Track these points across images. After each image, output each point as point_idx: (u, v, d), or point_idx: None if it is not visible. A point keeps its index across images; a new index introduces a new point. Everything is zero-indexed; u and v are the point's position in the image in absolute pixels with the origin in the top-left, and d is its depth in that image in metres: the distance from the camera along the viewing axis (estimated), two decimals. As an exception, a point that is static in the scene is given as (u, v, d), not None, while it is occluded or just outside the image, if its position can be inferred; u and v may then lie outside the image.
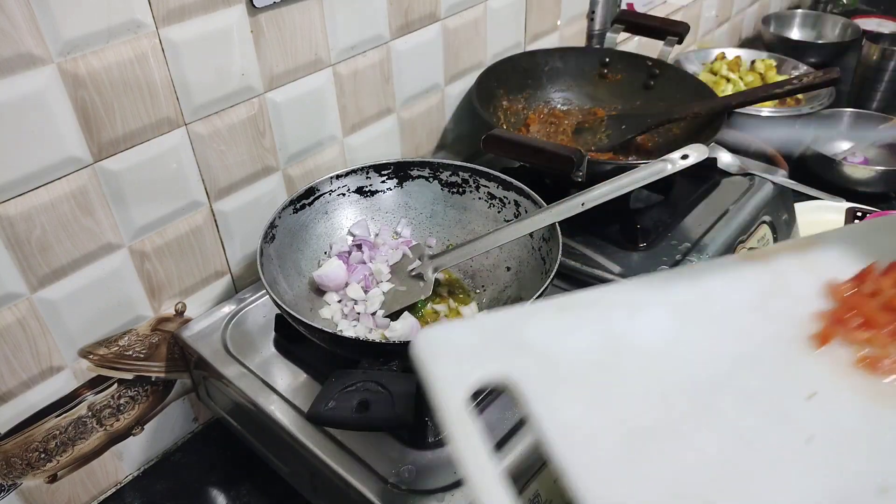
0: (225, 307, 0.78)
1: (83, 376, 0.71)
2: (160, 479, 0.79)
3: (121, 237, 0.68)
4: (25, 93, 0.57)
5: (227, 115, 0.72)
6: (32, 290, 0.63)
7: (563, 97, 1.09)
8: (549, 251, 0.71)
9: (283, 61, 0.75)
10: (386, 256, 0.77)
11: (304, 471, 0.67)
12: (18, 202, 0.60)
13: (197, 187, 0.73)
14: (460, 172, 0.81)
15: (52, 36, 0.57)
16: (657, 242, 0.86)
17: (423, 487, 0.59)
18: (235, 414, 0.75)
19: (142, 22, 0.62)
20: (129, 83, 0.63)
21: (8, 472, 0.68)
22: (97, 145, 0.63)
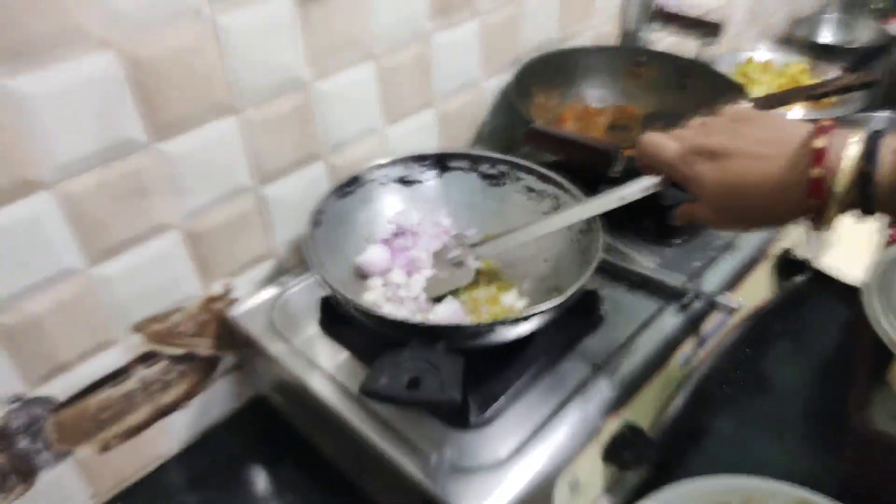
0: (271, 289, 0.81)
1: (135, 351, 0.73)
2: (203, 455, 0.81)
3: (174, 218, 0.71)
4: (90, 74, 0.59)
5: (275, 103, 0.75)
6: (90, 265, 0.66)
7: (596, 94, 1.10)
8: (588, 244, 0.72)
9: (329, 52, 0.77)
10: (426, 244, 0.79)
11: (347, 448, 0.69)
12: (80, 180, 0.62)
13: (246, 172, 0.75)
14: (499, 165, 0.83)
15: (116, 19, 0.59)
16: (691, 239, 0.88)
17: (465, 466, 0.61)
18: (280, 391, 0.78)
19: (199, 9, 0.64)
20: (185, 68, 0.65)
21: (65, 440, 0.70)
22: (154, 128, 0.65)
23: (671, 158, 0.59)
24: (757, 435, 0.81)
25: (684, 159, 0.58)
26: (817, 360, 0.91)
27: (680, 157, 0.58)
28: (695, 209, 0.60)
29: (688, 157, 0.57)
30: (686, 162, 0.58)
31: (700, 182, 0.57)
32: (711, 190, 0.56)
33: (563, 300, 0.62)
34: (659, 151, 0.61)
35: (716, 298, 0.76)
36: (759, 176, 0.53)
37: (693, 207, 0.60)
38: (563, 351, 0.72)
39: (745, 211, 0.56)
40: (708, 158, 0.56)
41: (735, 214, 0.57)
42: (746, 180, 0.54)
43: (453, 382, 0.54)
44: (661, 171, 0.61)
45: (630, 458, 0.66)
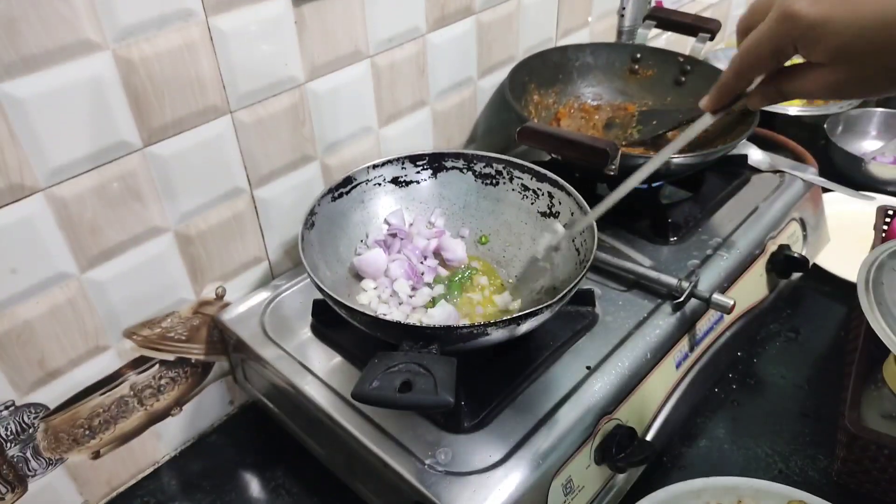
0: (263, 292, 0.80)
1: (127, 356, 0.73)
2: (196, 460, 0.81)
3: (167, 221, 0.70)
4: (82, 77, 0.59)
5: (269, 104, 0.74)
6: (82, 270, 0.65)
7: (593, 92, 1.10)
8: (583, 242, 0.72)
9: (324, 52, 0.77)
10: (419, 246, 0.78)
11: (340, 452, 0.69)
12: (72, 184, 0.62)
13: (239, 174, 0.75)
14: (494, 164, 0.82)
15: (109, 23, 0.59)
16: (687, 237, 0.87)
17: (458, 470, 0.60)
18: (272, 396, 0.77)
19: (192, 10, 0.64)
20: (178, 70, 0.65)
21: (56, 447, 0.70)
22: (147, 130, 0.65)
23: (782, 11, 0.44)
24: (750, 435, 0.80)
25: (795, 4, 0.43)
26: (812, 359, 0.91)
27: (789, 6, 0.44)
28: (812, 77, 0.46)
29: (797, 3, 0.43)
30: (798, 8, 0.43)
31: (818, 29, 0.43)
32: (838, 37, 0.42)
33: (557, 301, 0.61)
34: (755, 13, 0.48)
35: (710, 298, 0.75)
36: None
37: (809, 76, 0.47)
38: (558, 352, 0.71)
39: (885, 59, 0.42)
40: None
41: (877, 67, 0.43)
42: (890, 7, 0.40)
43: (446, 385, 0.53)
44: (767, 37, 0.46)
45: (624, 459, 0.66)
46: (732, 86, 0.52)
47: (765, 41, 0.46)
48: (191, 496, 0.76)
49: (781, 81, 0.49)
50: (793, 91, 0.49)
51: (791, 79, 0.48)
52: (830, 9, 0.42)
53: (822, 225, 1.03)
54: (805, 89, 0.48)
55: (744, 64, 0.49)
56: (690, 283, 0.76)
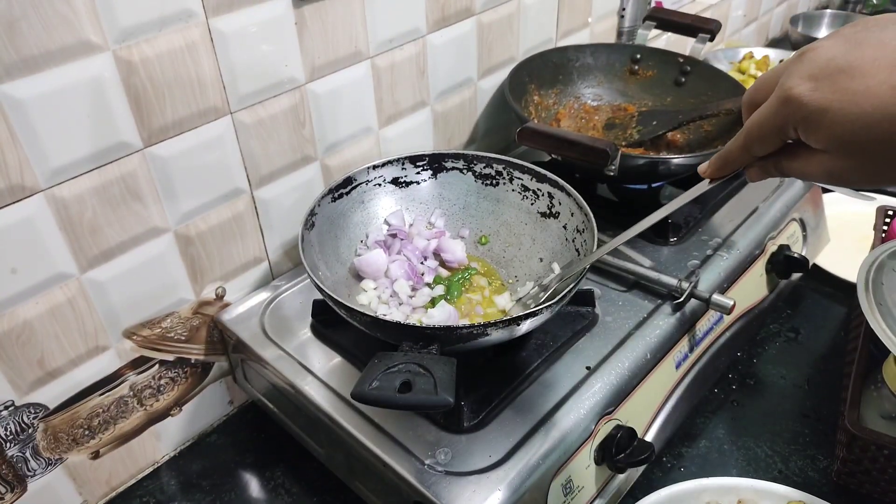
0: (262, 293, 0.80)
1: (126, 356, 0.73)
2: (196, 460, 0.81)
3: (167, 221, 0.70)
4: (83, 78, 0.59)
5: (270, 105, 0.74)
6: (82, 270, 0.66)
7: (593, 93, 1.10)
8: (583, 242, 0.72)
9: (324, 53, 0.77)
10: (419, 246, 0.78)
11: (339, 452, 0.69)
12: (72, 184, 0.62)
13: (239, 175, 0.75)
14: (494, 164, 0.82)
15: (110, 24, 0.59)
16: (687, 238, 0.87)
17: (458, 470, 0.60)
18: (272, 396, 0.77)
19: (193, 11, 0.64)
20: (179, 71, 0.65)
21: (55, 447, 0.70)
22: (147, 131, 0.65)
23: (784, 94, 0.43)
24: (750, 435, 0.80)
25: (797, 89, 0.42)
26: (812, 359, 0.91)
27: (791, 90, 0.42)
28: (811, 161, 0.44)
29: (800, 85, 0.42)
30: (800, 93, 0.41)
31: (819, 117, 0.41)
32: (838, 127, 0.40)
33: (557, 301, 0.61)
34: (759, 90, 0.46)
35: (710, 298, 0.75)
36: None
37: (809, 160, 0.45)
38: (558, 352, 0.71)
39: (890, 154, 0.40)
40: (827, 81, 0.40)
41: (877, 160, 0.41)
42: (892, 104, 0.38)
43: (446, 385, 0.53)
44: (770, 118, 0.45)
45: (624, 459, 0.66)
46: (736, 158, 0.50)
47: (768, 122, 0.45)
48: (190, 496, 0.76)
49: (782, 160, 0.48)
50: (792, 171, 0.47)
51: (792, 159, 0.47)
52: (831, 97, 0.40)
53: (822, 225, 1.03)
54: (805, 172, 0.46)
55: (749, 140, 0.48)
56: (690, 284, 0.76)
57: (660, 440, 0.74)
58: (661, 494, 0.68)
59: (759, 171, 0.50)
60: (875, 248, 0.85)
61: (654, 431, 0.74)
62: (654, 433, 0.74)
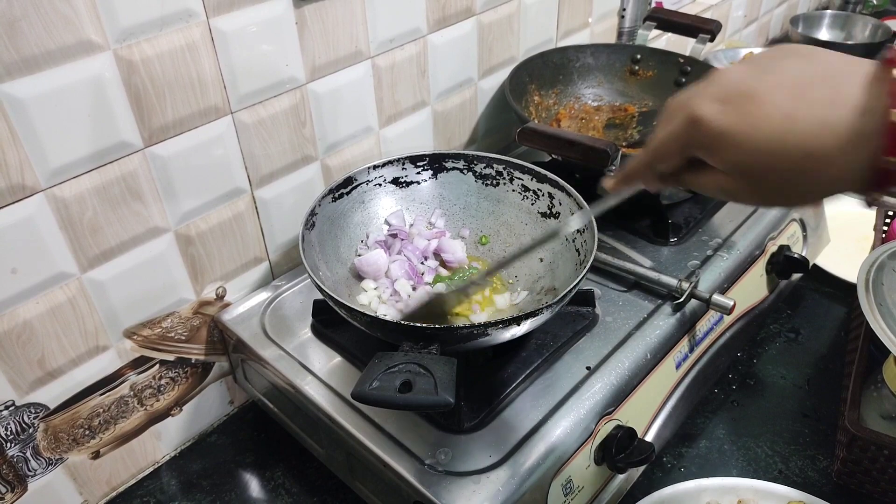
0: (263, 293, 0.80)
1: (127, 356, 0.73)
2: (196, 460, 0.81)
3: (167, 221, 0.70)
4: (84, 78, 0.59)
5: (270, 105, 0.74)
6: (82, 270, 0.66)
7: (593, 93, 1.10)
8: (583, 242, 0.72)
9: (324, 53, 0.77)
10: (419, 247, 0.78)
11: (340, 452, 0.69)
12: (73, 184, 0.62)
13: (240, 174, 0.75)
14: (494, 165, 0.82)
15: (111, 23, 0.59)
16: (687, 238, 0.87)
17: (458, 470, 0.60)
18: (272, 396, 0.77)
19: (193, 11, 0.64)
20: (179, 71, 0.65)
21: (56, 447, 0.70)
22: (148, 131, 0.65)
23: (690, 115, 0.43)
24: (750, 435, 0.80)
25: (702, 111, 0.42)
26: (812, 359, 0.91)
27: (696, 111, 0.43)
28: (709, 179, 0.46)
29: (706, 108, 0.42)
30: (704, 115, 0.42)
31: (720, 140, 0.42)
32: (737, 150, 0.42)
33: (557, 301, 0.61)
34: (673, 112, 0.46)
35: (711, 298, 0.75)
36: (808, 125, 0.39)
37: (707, 177, 0.46)
38: (558, 352, 0.71)
39: (785, 178, 0.41)
40: (730, 106, 0.41)
41: (769, 184, 0.42)
42: (787, 133, 0.39)
43: (446, 385, 0.53)
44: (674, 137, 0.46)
45: (624, 459, 0.66)
46: (640, 174, 0.51)
47: (672, 140, 0.46)
48: (191, 496, 0.76)
49: (683, 172, 0.48)
50: (691, 184, 0.48)
51: (692, 173, 0.48)
52: (734, 121, 0.41)
53: (823, 225, 1.03)
54: (702, 186, 0.47)
55: (654, 157, 0.49)
56: (690, 284, 0.76)
57: (660, 440, 0.74)
58: (661, 494, 0.68)
59: (659, 183, 0.51)
60: (875, 248, 0.85)
61: (654, 431, 0.74)
62: (654, 433, 0.74)
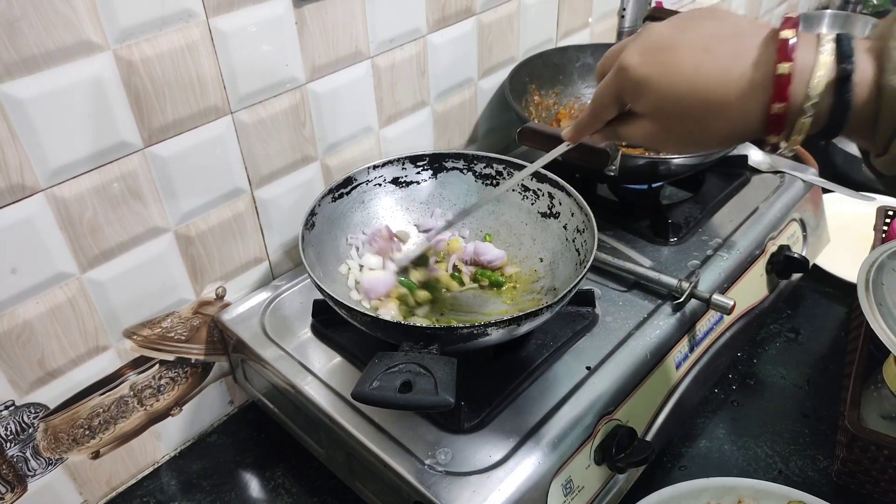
0: (262, 293, 0.80)
1: (126, 356, 0.73)
2: (196, 460, 0.81)
3: (167, 221, 0.70)
4: (83, 78, 0.59)
5: (270, 105, 0.74)
6: (82, 270, 0.65)
7: (593, 93, 1.10)
8: (583, 242, 0.72)
9: (324, 53, 0.77)
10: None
11: (340, 452, 0.69)
12: (73, 184, 0.62)
13: (240, 174, 0.75)
14: (494, 164, 0.82)
15: (110, 23, 0.59)
16: (687, 238, 0.87)
17: (458, 470, 0.60)
18: (272, 396, 0.77)
19: (193, 11, 0.64)
20: (179, 71, 0.65)
21: (55, 447, 0.70)
22: (148, 131, 0.65)
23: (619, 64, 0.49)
24: (750, 435, 0.80)
25: (628, 60, 0.49)
26: (812, 359, 0.91)
27: (624, 60, 0.49)
28: (635, 126, 0.52)
29: (631, 58, 0.48)
30: (630, 64, 0.48)
31: (641, 86, 0.48)
32: (655, 94, 0.48)
33: (557, 301, 0.61)
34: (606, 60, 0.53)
35: (711, 298, 0.75)
36: (713, 74, 0.45)
37: (634, 124, 0.52)
38: (558, 352, 0.71)
39: (695, 121, 0.48)
40: (651, 56, 0.48)
41: (682, 127, 0.49)
42: (697, 80, 0.46)
43: (446, 385, 0.53)
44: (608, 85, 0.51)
45: (624, 459, 0.66)
46: (588, 123, 0.57)
47: (608, 88, 0.52)
48: (191, 496, 0.76)
49: (617, 125, 0.54)
50: (622, 134, 0.54)
51: (624, 124, 0.54)
52: (653, 69, 0.47)
53: (823, 225, 1.03)
54: (630, 135, 0.53)
55: (596, 106, 0.54)
56: (690, 284, 0.76)
57: (660, 440, 0.74)
58: (662, 494, 0.68)
59: (601, 135, 0.57)
60: (875, 248, 0.85)
61: (654, 431, 0.74)
62: (654, 433, 0.74)
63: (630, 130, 0.53)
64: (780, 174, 0.99)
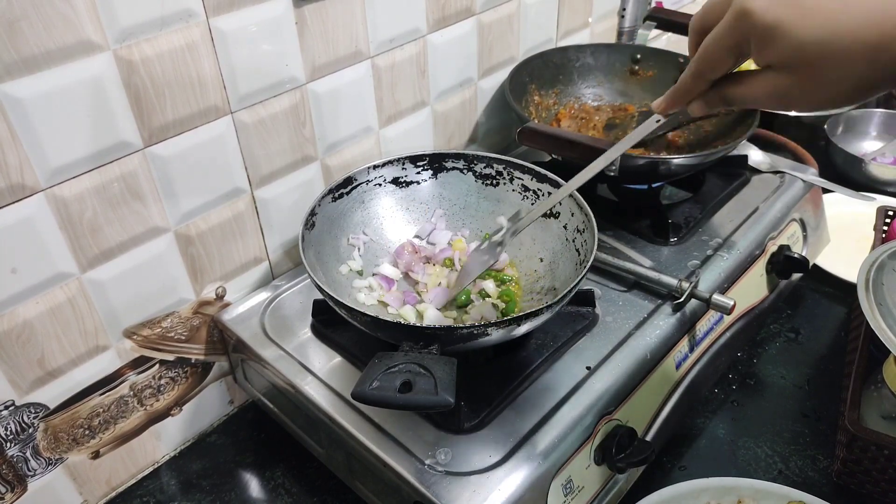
0: (262, 293, 0.80)
1: (126, 356, 0.73)
2: (196, 460, 0.81)
3: (167, 221, 0.70)
4: (83, 78, 0.59)
5: (270, 105, 0.74)
6: (82, 270, 0.65)
7: (593, 93, 1.10)
8: (583, 242, 0.72)
9: (324, 53, 0.77)
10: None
11: (339, 452, 0.69)
12: (73, 184, 0.62)
13: (240, 174, 0.75)
14: (494, 164, 0.82)
15: (110, 23, 0.59)
16: (687, 238, 0.87)
17: (458, 470, 0.60)
18: (272, 396, 0.77)
19: (193, 11, 0.64)
20: (179, 71, 0.65)
21: (55, 447, 0.70)
22: (148, 131, 0.65)
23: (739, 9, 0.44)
24: (750, 435, 0.80)
25: (753, 3, 0.43)
26: (812, 359, 0.91)
27: (746, 4, 0.44)
28: (757, 82, 0.46)
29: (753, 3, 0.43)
30: (755, 7, 0.43)
31: (774, 31, 0.43)
32: (792, 40, 0.42)
33: (557, 301, 0.61)
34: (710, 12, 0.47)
35: (711, 298, 0.75)
36: (865, 11, 0.40)
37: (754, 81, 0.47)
38: (558, 352, 0.71)
39: (841, 68, 0.42)
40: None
41: (823, 77, 0.43)
42: (845, 19, 0.41)
43: (446, 385, 0.53)
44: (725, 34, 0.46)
45: (624, 459, 0.66)
46: (690, 87, 0.51)
47: (723, 39, 0.46)
48: (190, 496, 0.76)
49: (726, 87, 0.49)
50: (736, 96, 0.48)
51: (737, 84, 0.48)
52: (785, 11, 0.42)
53: (823, 225, 1.03)
54: (750, 94, 0.47)
55: (703, 63, 0.48)
56: (690, 284, 0.76)
57: (660, 440, 0.74)
58: (662, 494, 0.68)
59: (703, 104, 0.51)
60: (875, 248, 0.85)
61: (654, 431, 0.74)
62: (654, 433, 0.74)
63: (749, 89, 0.47)
64: (780, 174, 0.99)
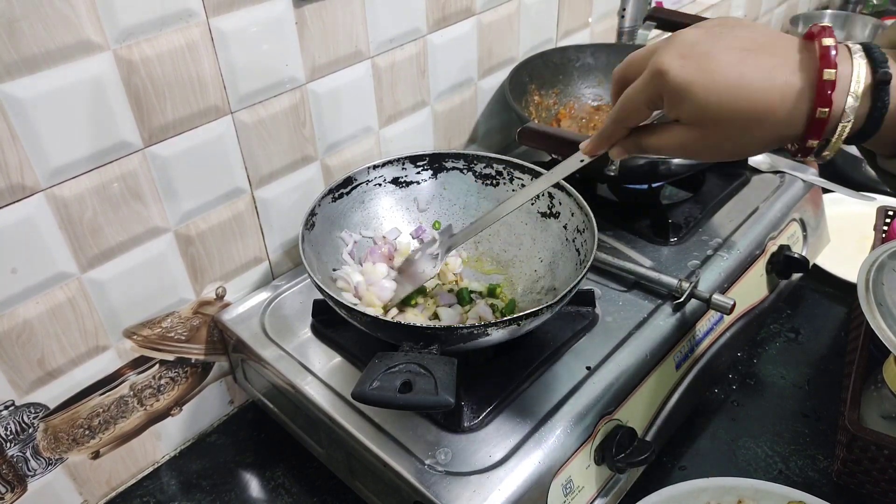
0: (262, 293, 0.80)
1: (126, 356, 0.73)
2: (196, 460, 0.81)
3: (167, 221, 0.70)
4: (83, 78, 0.59)
5: (270, 105, 0.74)
6: (82, 270, 0.65)
7: (593, 93, 1.10)
8: (583, 242, 0.72)
9: (324, 53, 0.77)
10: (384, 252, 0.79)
11: (340, 452, 0.69)
12: (73, 184, 0.62)
13: (240, 174, 0.75)
14: (494, 164, 0.82)
15: (110, 23, 0.59)
16: (687, 238, 0.87)
17: (458, 470, 0.60)
18: (272, 396, 0.77)
19: (193, 11, 0.64)
20: (179, 71, 0.65)
21: (55, 447, 0.70)
22: (148, 131, 0.65)
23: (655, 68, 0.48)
24: (750, 435, 0.80)
25: (668, 65, 0.47)
26: (812, 359, 0.91)
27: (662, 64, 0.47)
28: (668, 134, 0.51)
29: (671, 62, 0.47)
30: (669, 68, 0.47)
31: (683, 91, 0.46)
32: (697, 101, 0.46)
33: (557, 301, 0.61)
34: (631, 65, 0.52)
35: (711, 298, 0.75)
36: (758, 80, 0.45)
37: (665, 133, 0.51)
38: (558, 352, 0.71)
39: (738, 128, 0.47)
40: (692, 61, 0.46)
41: (723, 134, 0.48)
42: (741, 86, 0.45)
43: (447, 385, 0.53)
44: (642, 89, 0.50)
45: (624, 459, 0.66)
46: (611, 132, 0.55)
47: (641, 93, 0.50)
48: (190, 496, 0.76)
49: (642, 136, 0.53)
50: (651, 145, 0.53)
51: (650, 134, 0.52)
52: (695, 75, 0.46)
53: (823, 225, 1.03)
54: (661, 144, 0.52)
55: (623, 112, 0.52)
56: (690, 284, 0.76)
57: (660, 440, 0.74)
58: (662, 494, 0.68)
59: (622, 149, 0.55)
60: (875, 248, 0.85)
61: (654, 431, 0.74)
62: (654, 433, 0.74)
63: (660, 140, 0.52)
64: (780, 174, 0.99)
